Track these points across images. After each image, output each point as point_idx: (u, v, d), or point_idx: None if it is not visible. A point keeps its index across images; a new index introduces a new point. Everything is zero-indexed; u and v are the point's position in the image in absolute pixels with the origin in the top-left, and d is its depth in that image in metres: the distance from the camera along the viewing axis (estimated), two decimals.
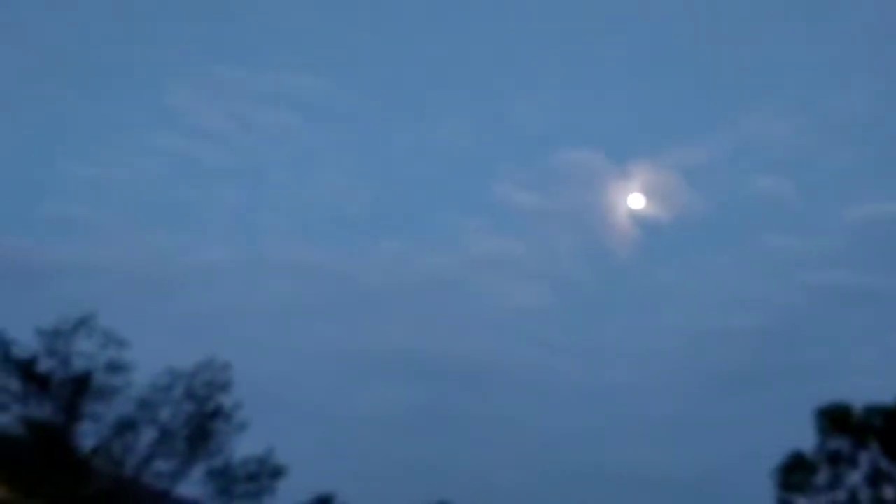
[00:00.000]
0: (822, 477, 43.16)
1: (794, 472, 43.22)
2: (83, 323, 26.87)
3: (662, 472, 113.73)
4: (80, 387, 27.20)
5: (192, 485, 28.41)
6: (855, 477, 42.89)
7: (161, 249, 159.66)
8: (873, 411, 43.14)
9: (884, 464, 42.57)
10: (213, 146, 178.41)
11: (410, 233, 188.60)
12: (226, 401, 28.72)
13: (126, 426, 27.25)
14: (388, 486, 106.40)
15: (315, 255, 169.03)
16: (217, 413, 28.18)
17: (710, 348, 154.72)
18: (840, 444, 43.09)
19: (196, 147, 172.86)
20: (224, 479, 28.16)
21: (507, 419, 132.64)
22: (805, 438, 44.44)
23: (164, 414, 27.85)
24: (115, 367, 27.11)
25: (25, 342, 27.05)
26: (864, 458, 42.89)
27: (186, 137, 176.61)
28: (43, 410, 27.46)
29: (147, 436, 27.72)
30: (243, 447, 29.48)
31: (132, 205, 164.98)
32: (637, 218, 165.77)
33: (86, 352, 27.00)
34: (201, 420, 27.79)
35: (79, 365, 27.17)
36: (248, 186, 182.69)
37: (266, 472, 28.94)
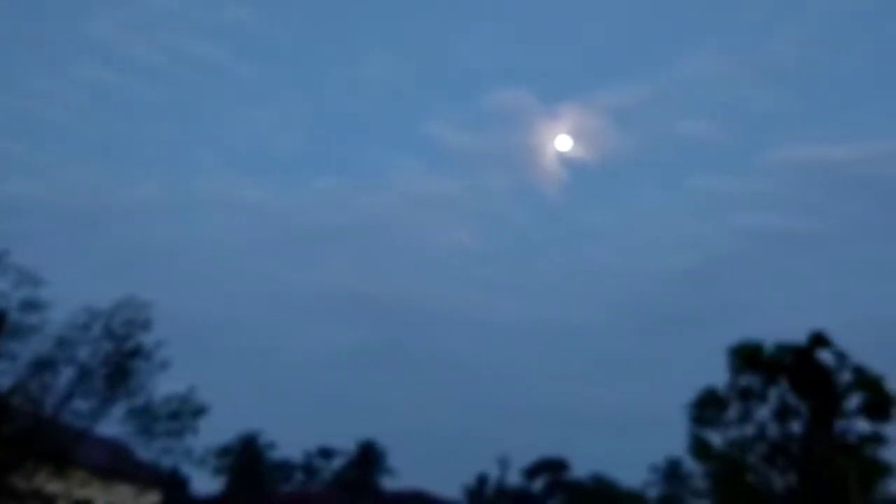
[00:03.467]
0: (732, 412, 44.95)
1: (707, 407, 44.90)
2: None
3: (591, 407, 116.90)
4: None
5: (113, 424, 28.36)
6: (764, 412, 44.78)
7: (90, 185, 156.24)
8: (783, 349, 44.83)
9: (792, 399, 44.40)
10: (142, 79, 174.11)
11: (344, 171, 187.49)
12: (147, 339, 28.59)
13: (43, 365, 27.04)
14: (317, 424, 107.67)
15: (248, 193, 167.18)
16: (137, 352, 28.07)
17: (639, 288, 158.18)
18: (751, 380, 44.83)
19: (125, 80, 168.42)
20: (144, 417, 28.13)
21: (441, 357, 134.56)
22: (723, 375, 46.26)
23: (83, 353, 27.66)
24: (30, 306, 26.77)
25: None
26: (774, 394, 44.70)
27: (115, 70, 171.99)
28: None
29: (65, 375, 27.56)
30: (168, 386, 29.44)
31: (59, 139, 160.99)
32: (565, 159, 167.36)
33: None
34: (120, 359, 27.66)
35: None
36: (179, 121, 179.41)
37: (188, 411, 28.96)
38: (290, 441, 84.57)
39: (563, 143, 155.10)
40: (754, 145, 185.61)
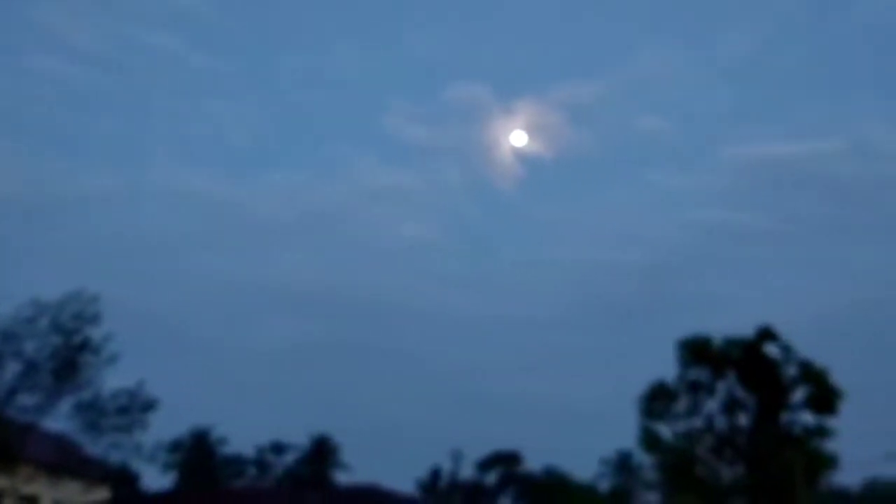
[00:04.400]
0: (682, 405, 45.63)
1: (657, 400, 45.52)
2: None
3: (543, 401, 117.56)
4: None
5: (60, 419, 27.98)
6: (712, 405, 45.53)
7: (38, 176, 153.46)
8: (732, 343, 45.62)
9: (739, 392, 45.21)
10: (94, 69, 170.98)
11: (300, 164, 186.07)
12: (95, 333, 28.21)
13: None
14: (270, 419, 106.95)
15: (201, 185, 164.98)
16: (85, 346, 27.69)
17: (592, 282, 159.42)
18: (700, 373, 45.55)
19: (76, 70, 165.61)
20: (93, 412, 27.77)
21: (395, 351, 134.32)
22: (673, 369, 46.91)
23: (30, 347, 27.23)
24: None
25: None
26: (722, 388, 45.48)
27: (64, 59, 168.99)
28: None
29: (11, 369, 27.11)
30: (117, 380, 29.07)
31: (6, 129, 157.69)
32: (521, 155, 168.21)
33: None
34: (68, 353, 27.27)
35: None
36: (132, 112, 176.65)
37: (137, 406, 28.64)
38: (242, 436, 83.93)
39: (519, 138, 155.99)
40: (708, 142, 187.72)
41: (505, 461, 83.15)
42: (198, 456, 75.43)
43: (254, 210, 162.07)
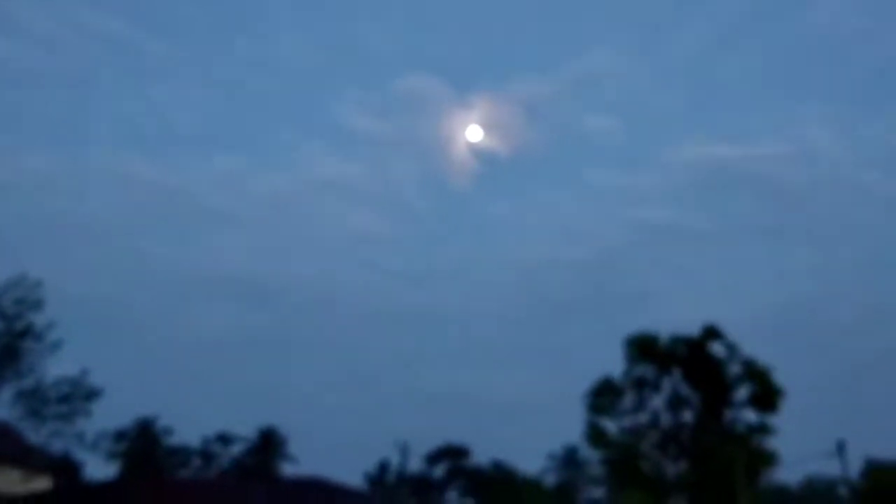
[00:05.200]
0: (627, 401, 46.17)
1: (603, 396, 46.00)
2: None
3: (491, 395, 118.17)
4: None
5: (0, 406, 27.52)
6: (657, 401, 46.12)
7: None
8: (677, 340, 46.24)
9: (684, 390, 45.85)
10: (37, 49, 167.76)
11: (246, 151, 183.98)
12: (38, 320, 27.76)
13: None
14: (217, 410, 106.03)
15: (145, 170, 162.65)
16: (27, 332, 27.22)
17: (539, 279, 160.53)
18: (646, 370, 46.11)
19: (19, 49, 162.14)
20: (34, 400, 27.33)
21: (345, 344, 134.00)
22: (620, 365, 47.43)
23: None
24: None
25: None
26: (667, 384, 46.10)
27: (8, 39, 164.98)
28: None
29: None
30: (60, 368, 28.61)
31: None
32: (475, 149, 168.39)
33: None
34: (10, 339, 26.79)
35: None
36: (75, 93, 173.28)
37: (80, 394, 28.25)
38: (188, 426, 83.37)
39: (475, 133, 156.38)
40: (655, 142, 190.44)
41: (453, 455, 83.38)
42: (142, 446, 74.50)
43: (199, 196, 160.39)
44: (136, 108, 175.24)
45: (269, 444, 78.64)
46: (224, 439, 79.59)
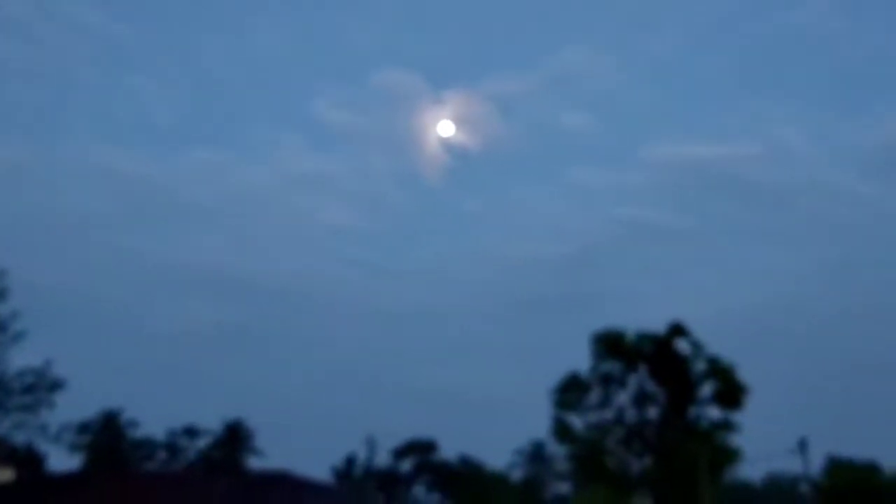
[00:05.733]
0: (594, 397, 46.47)
1: (570, 391, 46.27)
2: None
3: (460, 390, 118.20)
4: None
5: None
6: (623, 398, 46.46)
7: None
8: (644, 337, 46.59)
9: (650, 386, 46.22)
10: (13, 38, 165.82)
11: (223, 144, 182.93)
12: (1, 309, 27.52)
13: None
14: (183, 403, 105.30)
15: (120, 161, 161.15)
16: None
17: (515, 275, 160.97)
18: (612, 366, 46.42)
19: None
20: None
21: (314, 338, 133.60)
22: (588, 361, 47.68)
23: None
24: None
25: None
26: (633, 381, 46.44)
27: None
28: None
29: None
30: (24, 359, 28.37)
31: None
32: (448, 145, 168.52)
33: None
34: None
35: None
36: (50, 84, 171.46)
37: (44, 385, 28.04)
38: (154, 419, 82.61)
39: (446, 128, 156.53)
40: (631, 141, 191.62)
41: (420, 449, 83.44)
42: (107, 438, 73.87)
43: (173, 190, 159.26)
44: (112, 100, 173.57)
45: (235, 437, 78.26)
46: (190, 432, 79.10)
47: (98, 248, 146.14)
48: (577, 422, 46.34)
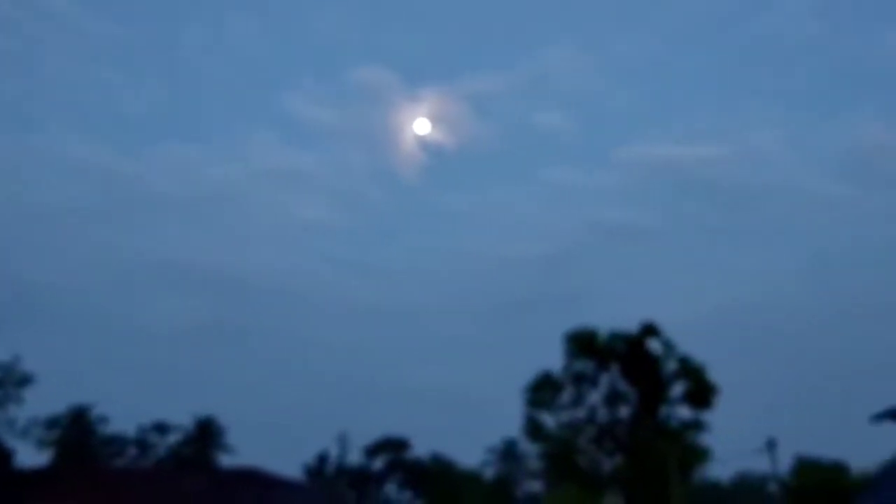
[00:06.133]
0: (566, 396, 46.64)
1: (542, 390, 46.41)
2: None
3: (433, 388, 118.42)
4: None
5: None
6: (595, 397, 46.67)
7: None
8: (616, 337, 46.83)
9: (622, 385, 46.46)
10: None
11: (196, 138, 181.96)
12: None
13: None
14: (154, 399, 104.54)
15: (92, 154, 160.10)
16: None
17: (489, 274, 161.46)
18: (584, 365, 46.60)
19: None
20: None
21: (288, 335, 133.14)
22: (560, 360, 47.84)
23: None
24: None
25: None
26: (605, 380, 46.66)
27: None
28: None
29: None
30: None
31: None
32: (424, 143, 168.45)
33: None
34: None
35: None
36: (23, 75, 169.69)
37: (11, 380, 27.71)
38: (124, 415, 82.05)
39: (422, 126, 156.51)
40: (606, 141, 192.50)
41: (392, 447, 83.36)
42: (76, 434, 73.14)
43: (147, 184, 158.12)
44: (85, 93, 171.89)
45: (206, 434, 77.80)
46: (160, 428, 78.56)
47: (69, 242, 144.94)
48: (549, 420, 46.54)
